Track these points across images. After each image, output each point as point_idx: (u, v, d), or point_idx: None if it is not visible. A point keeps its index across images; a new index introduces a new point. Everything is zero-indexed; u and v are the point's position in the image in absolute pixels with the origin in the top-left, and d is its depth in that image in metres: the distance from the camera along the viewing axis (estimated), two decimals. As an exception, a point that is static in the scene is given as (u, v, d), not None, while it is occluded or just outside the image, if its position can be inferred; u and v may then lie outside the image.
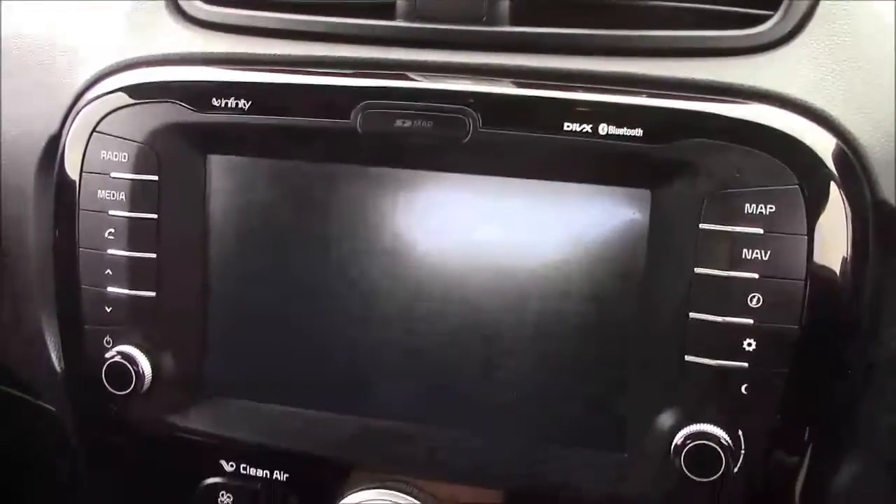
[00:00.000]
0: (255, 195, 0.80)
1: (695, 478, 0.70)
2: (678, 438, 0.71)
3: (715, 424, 0.71)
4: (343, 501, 0.80)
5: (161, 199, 0.80)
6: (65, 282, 0.85)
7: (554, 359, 0.77)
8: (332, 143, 0.78)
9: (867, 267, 0.71)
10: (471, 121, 0.74)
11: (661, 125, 0.71)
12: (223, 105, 0.78)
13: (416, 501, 0.79)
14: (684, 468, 0.71)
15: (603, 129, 0.72)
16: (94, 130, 0.82)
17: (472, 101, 0.74)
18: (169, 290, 0.82)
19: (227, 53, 0.82)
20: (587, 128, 0.72)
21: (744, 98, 0.72)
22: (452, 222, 0.77)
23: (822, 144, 0.70)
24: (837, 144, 0.71)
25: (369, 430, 0.81)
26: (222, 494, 0.84)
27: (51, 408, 0.93)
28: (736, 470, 0.71)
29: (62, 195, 0.84)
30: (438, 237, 0.78)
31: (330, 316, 0.81)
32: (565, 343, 0.76)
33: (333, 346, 0.81)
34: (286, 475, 0.83)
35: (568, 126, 0.72)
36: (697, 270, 0.71)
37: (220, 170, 0.81)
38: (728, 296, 0.70)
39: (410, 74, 0.78)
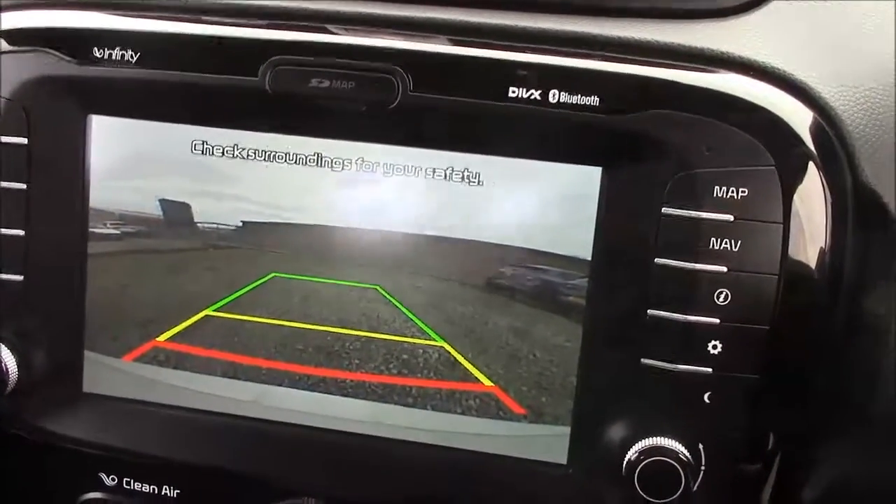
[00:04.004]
0: (143, 165, 0.74)
1: (650, 499, 0.66)
2: (631, 454, 0.67)
3: (672, 437, 0.67)
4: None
5: (32, 165, 0.74)
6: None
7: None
8: (236, 104, 0.72)
9: (845, 260, 0.67)
10: (400, 82, 0.68)
11: (621, 93, 0.66)
12: (107, 56, 0.72)
13: None
14: (638, 488, 0.66)
15: (553, 96, 0.66)
16: (-50, 82, 0.75)
17: (401, 59, 0.68)
18: (40, 274, 0.76)
19: (114, -5, 0.76)
20: (535, 94, 0.67)
21: (714, 65, 0.67)
22: (368, 202, 0.72)
23: (800, 119, 0.66)
24: (815, 118, 0.67)
25: (276, 439, 0.76)
26: None
27: None
28: (695, 488, 0.67)
29: None
30: (355, 219, 0.73)
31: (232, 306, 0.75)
32: (505, 338, 0.72)
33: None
34: (176, 491, 0.78)
35: (513, 92, 0.67)
36: (658, 261, 0.67)
37: (103, 133, 0.74)
38: (692, 291, 0.66)
39: (329, 27, 0.71)
